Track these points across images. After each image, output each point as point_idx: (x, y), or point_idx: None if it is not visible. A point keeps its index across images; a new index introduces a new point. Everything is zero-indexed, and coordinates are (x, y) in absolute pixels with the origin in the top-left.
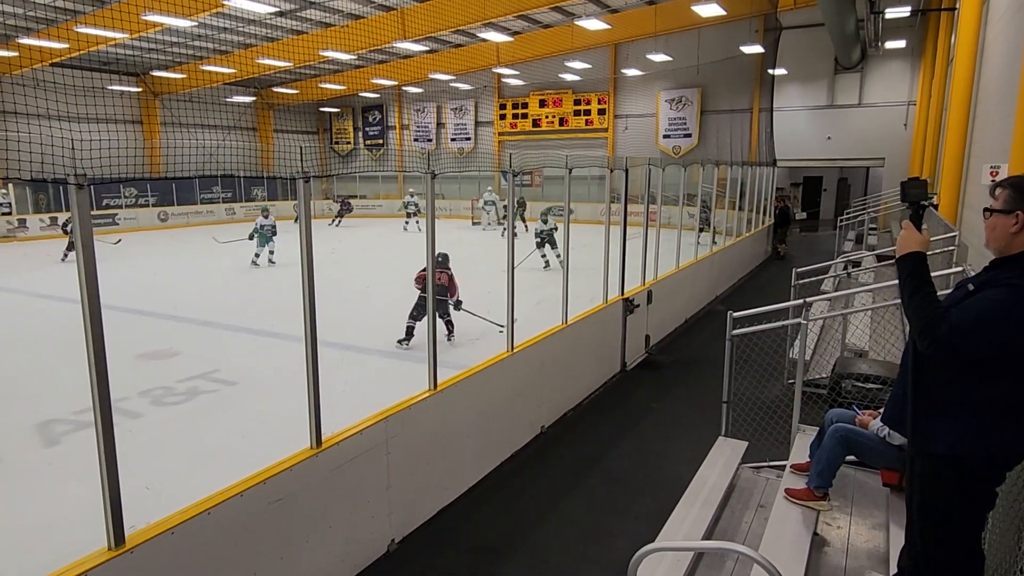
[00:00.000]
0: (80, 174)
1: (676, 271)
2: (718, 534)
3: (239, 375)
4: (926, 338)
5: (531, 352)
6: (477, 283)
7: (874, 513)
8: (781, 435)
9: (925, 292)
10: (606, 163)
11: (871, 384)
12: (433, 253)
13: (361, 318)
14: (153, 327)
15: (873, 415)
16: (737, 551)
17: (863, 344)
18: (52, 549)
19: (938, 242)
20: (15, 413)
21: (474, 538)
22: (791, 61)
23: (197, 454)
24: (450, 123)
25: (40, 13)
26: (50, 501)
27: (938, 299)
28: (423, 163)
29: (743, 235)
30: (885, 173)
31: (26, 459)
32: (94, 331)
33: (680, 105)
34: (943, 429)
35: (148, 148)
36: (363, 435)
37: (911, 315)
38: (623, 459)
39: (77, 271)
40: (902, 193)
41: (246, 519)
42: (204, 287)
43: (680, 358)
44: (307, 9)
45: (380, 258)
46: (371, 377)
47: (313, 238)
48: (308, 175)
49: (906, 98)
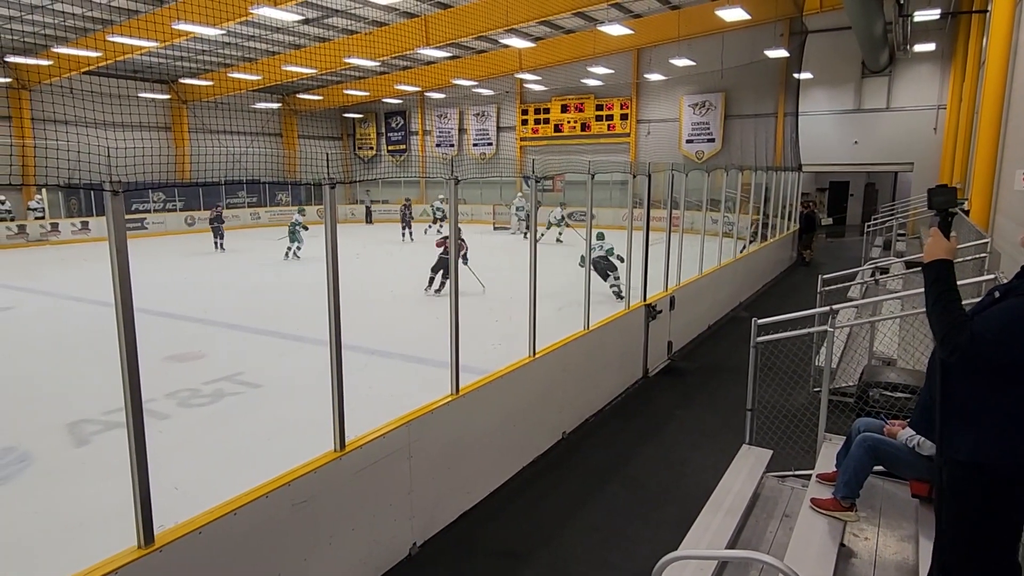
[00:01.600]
0: (116, 180)
1: (699, 277)
2: (742, 543)
3: (264, 378)
4: (947, 345)
5: (553, 357)
6: (499, 288)
7: (903, 525)
8: (806, 444)
9: (948, 299)
10: (628, 168)
11: (899, 393)
12: (456, 257)
13: (385, 323)
14: (180, 330)
15: (902, 425)
16: (762, 560)
17: (891, 352)
18: (83, 547)
19: (969, 249)
20: (47, 413)
21: (495, 543)
22: (817, 65)
23: (222, 455)
24: (472, 129)
25: (74, 23)
26: (81, 500)
27: (961, 306)
28: (445, 168)
29: (768, 241)
30: (914, 178)
31: (58, 458)
32: (127, 334)
33: (703, 110)
34: (968, 436)
35: (177, 154)
36: (386, 439)
37: (933, 322)
38: (645, 466)
39: (111, 274)
40: (929, 200)
41: (271, 520)
42: (230, 291)
43: (703, 365)
44: (332, 17)
45: (404, 262)
46: (394, 381)
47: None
48: (334, 181)
49: (936, 102)
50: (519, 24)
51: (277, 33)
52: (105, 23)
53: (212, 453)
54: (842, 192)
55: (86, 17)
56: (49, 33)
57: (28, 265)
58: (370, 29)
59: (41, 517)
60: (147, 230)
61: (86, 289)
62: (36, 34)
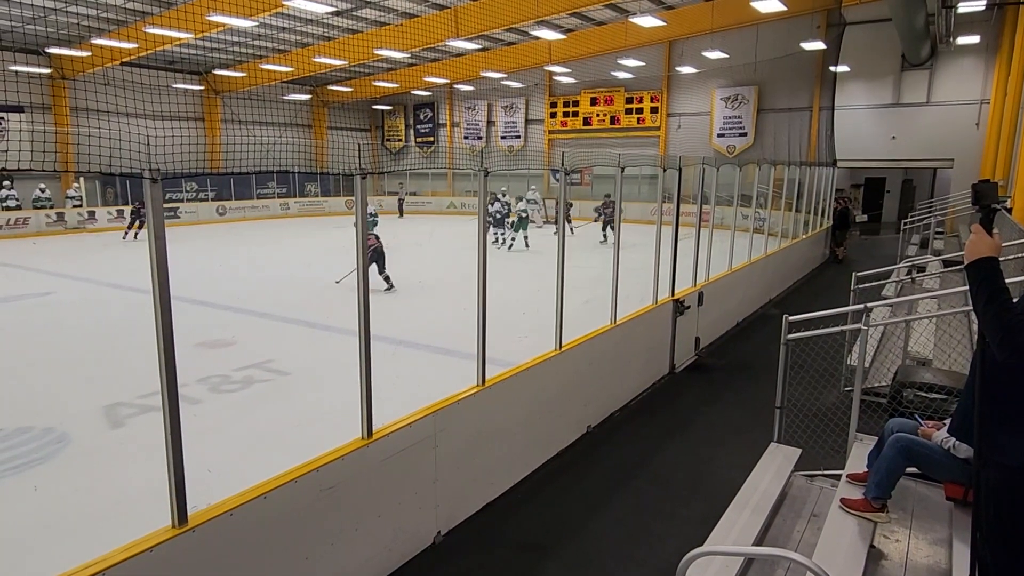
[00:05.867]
0: (154, 168)
1: (729, 272)
2: (768, 541)
3: (293, 366)
4: (1007, 347)
5: (579, 351)
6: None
7: (936, 528)
8: (836, 444)
9: (1002, 299)
10: (658, 162)
11: (935, 394)
12: (485, 246)
13: (413, 313)
14: (211, 317)
15: (937, 426)
16: (790, 558)
17: (927, 352)
18: (119, 525)
19: (1012, 247)
20: (84, 396)
21: (520, 534)
22: (855, 58)
23: (253, 440)
24: (500, 121)
25: (112, 15)
26: (117, 480)
27: (1015, 305)
28: (473, 161)
29: (800, 237)
30: (954, 175)
31: (94, 440)
32: (164, 319)
33: (736, 103)
34: (1019, 441)
35: (209, 144)
36: (412, 428)
37: (987, 323)
38: (671, 462)
39: (149, 261)
40: (973, 196)
41: (300, 504)
42: (262, 279)
43: (731, 361)
44: (363, 8)
45: (431, 253)
46: (421, 371)
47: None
48: (364, 172)
49: (979, 96)
50: (550, 16)
51: (309, 25)
52: (142, 15)
53: (243, 438)
54: (878, 189)
55: (124, 9)
56: (89, 24)
57: (66, 252)
58: (400, 21)
59: (79, 495)
60: (180, 219)
61: (122, 276)
62: (76, 25)
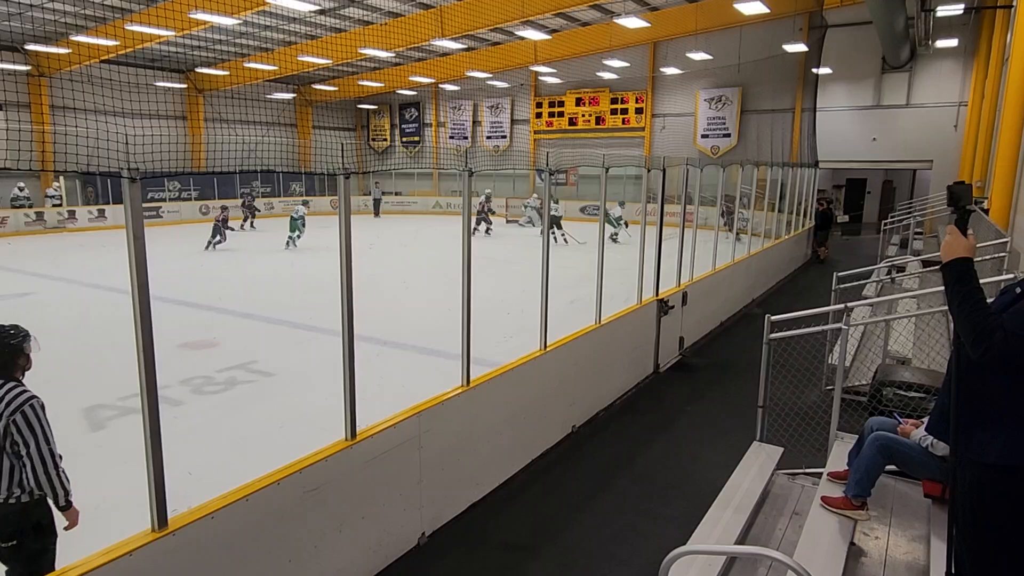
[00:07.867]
0: (133, 168)
1: (712, 273)
2: (751, 540)
3: (276, 367)
4: (980, 346)
5: (564, 351)
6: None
7: (914, 525)
8: (818, 442)
9: (975, 299)
10: (643, 162)
11: (914, 393)
12: (469, 247)
13: (397, 313)
14: (194, 317)
15: (916, 424)
16: (772, 556)
17: (906, 351)
18: (98, 529)
19: (988, 248)
20: (63, 398)
21: (504, 535)
22: (836, 60)
23: (235, 442)
24: (486, 121)
25: (92, 12)
26: (96, 483)
27: (988, 305)
28: (458, 161)
29: (782, 237)
30: (933, 176)
31: (74, 443)
32: (143, 320)
33: (720, 104)
34: (995, 438)
35: (192, 143)
36: (396, 429)
37: (961, 323)
38: (655, 461)
39: (128, 261)
40: (948, 197)
41: (282, 507)
42: (245, 279)
43: (715, 361)
44: (348, 7)
45: (417, 254)
46: (405, 372)
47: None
48: (348, 171)
49: (957, 99)
50: (535, 16)
51: (293, 23)
52: (123, 12)
53: (225, 440)
54: (859, 189)
55: (105, 6)
56: (68, 21)
57: (46, 252)
58: (385, 20)
59: None
60: (162, 219)
61: (103, 276)
62: (55, 22)
